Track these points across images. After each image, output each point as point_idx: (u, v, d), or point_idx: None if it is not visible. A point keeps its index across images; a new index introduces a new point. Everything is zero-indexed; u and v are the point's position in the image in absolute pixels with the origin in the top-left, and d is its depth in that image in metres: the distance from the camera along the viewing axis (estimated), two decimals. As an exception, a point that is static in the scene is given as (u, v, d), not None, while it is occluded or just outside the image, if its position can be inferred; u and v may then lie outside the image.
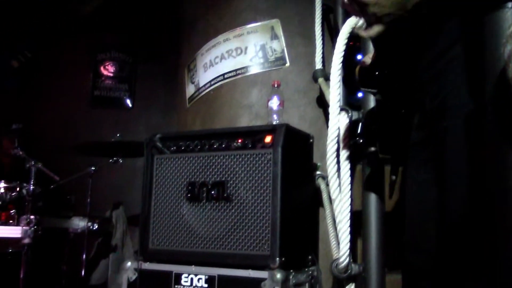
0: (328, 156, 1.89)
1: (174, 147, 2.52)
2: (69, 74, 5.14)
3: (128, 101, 5.16)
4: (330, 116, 1.89)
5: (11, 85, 5.01)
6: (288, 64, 2.98)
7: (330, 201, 2.38)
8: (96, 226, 3.21)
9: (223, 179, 2.34)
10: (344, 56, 1.88)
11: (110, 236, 3.58)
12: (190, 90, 3.37)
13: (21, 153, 3.03)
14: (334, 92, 1.82)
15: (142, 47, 5.19)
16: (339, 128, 1.91)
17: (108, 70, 5.17)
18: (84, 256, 3.30)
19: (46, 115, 4.94)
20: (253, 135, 2.35)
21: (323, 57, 2.83)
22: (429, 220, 1.54)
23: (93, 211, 3.38)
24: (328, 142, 1.90)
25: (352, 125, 1.98)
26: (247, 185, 2.28)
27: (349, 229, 1.85)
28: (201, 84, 3.24)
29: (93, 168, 3.27)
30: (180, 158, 2.47)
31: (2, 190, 2.89)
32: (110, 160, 3.35)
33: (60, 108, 5.01)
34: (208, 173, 2.39)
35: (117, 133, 3.50)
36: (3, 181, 2.95)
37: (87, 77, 5.13)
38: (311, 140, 2.56)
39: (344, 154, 1.93)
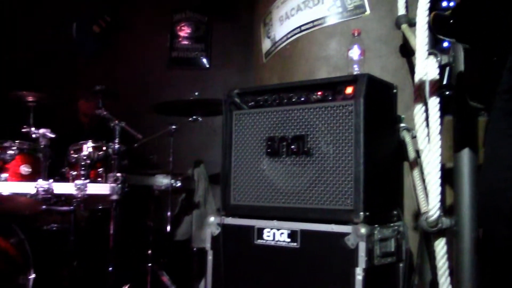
0: (415, 104, 1.78)
1: (253, 103, 2.49)
2: (147, 36, 5.22)
3: (205, 61, 5.18)
4: (417, 61, 1.77)
5: (94, 49, 5.18)
6: (368, 11, 2.83)
7: (417, 154, 2.27)
8: (179, 184, 3.27)
9: (303, 133, 2.28)
10: (431, -2, 1.73)
11: (193, 193, 3.65)
12: (266, 45, 3.30)
13: (105, 113, 3.12)
14: (422, 34, 1.69)
15: (217, 5, 5.15)
16: (427, 74, 1.79)
17: (184, 30, 5.19)
18: (168, 212, 3.40)
19: (127, 76, 5.08)
20: (333, 87, 2.26)
21: (406, 2, 2.65)
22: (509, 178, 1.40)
23: (175, 169, 3.45)
24: (415, 89, 1.78)
25: (441, 71, 1.84)
26: (328, 138, 2.21)
27: (439, 180, 1.75)
28: (277, 38, 3.16)
29: (174, 126, 3.32)
30: (258, 113, 2.44)
31: (91, 150, 2.99)
32: (190, 119, 3.37)
33: (140, 70, 5.13)
34: (288, 127, 2.34)
35: (195, 93, 3.52)
36: (90, 140, 3.06)
37: (164, 38, 5.19)
38: (394, 90, 2.43)
39: (432, 101, 1.80)
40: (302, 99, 2.33)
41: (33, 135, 2.83)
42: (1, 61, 5.07)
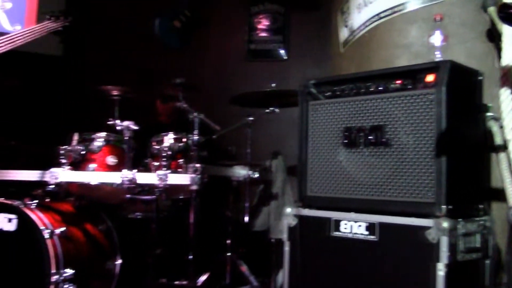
0: (501, 90, 1.67)
1: (329, 93, 2.46)
2: (225, 29, 5.30)
3: (283, 52, 5.17)
4: (505, 44, 1.67)
5: (175, 44, 5.33)
6: (452, -5, 2.70)
7: (504, 144, 2.14)
8: (257, 175, 3.29)
9: (382, 123, 2.22)
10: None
11: (271, 185, 3.67)
12: (343, 34, 3.24)
13: (185, 105, 3.19)
14: (510, 17, 1.58)
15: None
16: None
17: (262, 22, 5.21)
18: (246, 203, 3.43)
19: (205, 69, 5.18)
20: (413, 75, 2.18)
21: (493, -17, 2.49)
22: None
23: (253, 160, 3.48)
24: (501, 74, 1.68)
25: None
26: (408, 128, 2.14)
27: (529, 172, 1.63)
28: (355, 27, 3.09)
29: (250, 118, 3.34)
30: (335, 104, 2.41)
31: (172, 141, 3.08)
32: (266, 111, 3.38)
33: (219, 63, 5.22)
34: (365, 117, 2.29)
35: (272, 84, 3.52)
36: (171, 132, 3.15)
37: (242, 31, 5.24)
38: (480, 78, 2.30)
39: (522, 88, 1.69)
40: (380, 88, 2.27)
41: (118, 127, 2.96)
42: (87, 57, 5.35)
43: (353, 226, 2.24)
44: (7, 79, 3.19)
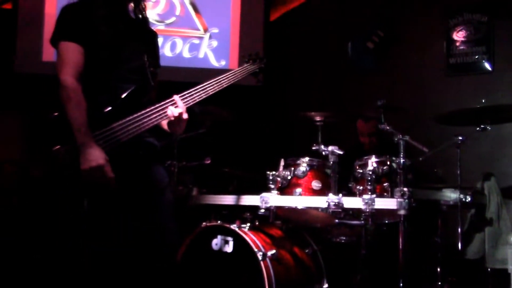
0: None
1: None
2: (421, 45, 5.10)
3: (487, 64, 4.77)
4: None
5: (369, 65, 5.29)
6: None
7: None
8: (469, 198, 3.04)
9: None
10: None
11: (483, 209, 3.37)
12: None
13: (388, 128, 3.11)
14: None
15: (499, 2, 4.71)
16: None
17: (461, 34, 4.89)
18: (459, 229, 3.19)
19: (404, 88, 5.04)
20: None
21: None
22: None
23: (462, 183, 3.23)
24: None
25: None
26: None
27: None
28: None
29: (460, 138, 3.10)
30: None
31: (375, 165, 3.01)
32: (477, 128, 3.11)
33: (417, 80, 5.03)
34: None
35: (477, 99, 3.26)
36: (374, 156, 3.09)
37: (440, 45, 4.98)
38: None
39: None
40: None
41: (323, 153, 3.00)
42: (286, 85, 5.60)
43: None
44: (222, 111, 3.48)
